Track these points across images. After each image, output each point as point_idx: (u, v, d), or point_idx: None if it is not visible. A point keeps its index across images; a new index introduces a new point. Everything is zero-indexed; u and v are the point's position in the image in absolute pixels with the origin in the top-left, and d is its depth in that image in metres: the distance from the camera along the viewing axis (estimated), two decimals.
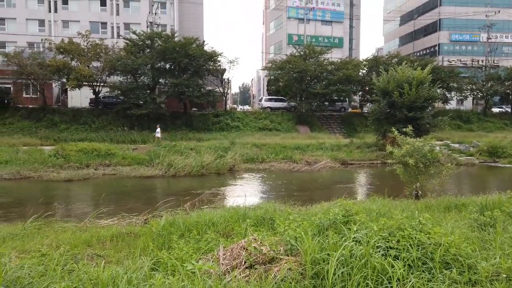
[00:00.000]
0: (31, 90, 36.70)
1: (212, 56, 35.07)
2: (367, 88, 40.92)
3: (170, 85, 33.40)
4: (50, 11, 48.53)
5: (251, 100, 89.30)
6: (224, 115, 36.91)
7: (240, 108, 56.99)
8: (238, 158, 23.71)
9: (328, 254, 4.04)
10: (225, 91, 39.92)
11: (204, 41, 37.69)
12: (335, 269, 3.77)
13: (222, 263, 4.71)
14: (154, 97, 33.32)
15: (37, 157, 21.83)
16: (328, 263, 3.87)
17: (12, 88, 35.87)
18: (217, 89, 38.37)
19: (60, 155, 22.37)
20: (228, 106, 43.40)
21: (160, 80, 34.57)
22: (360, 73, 40.27)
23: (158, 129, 29.03)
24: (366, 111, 41.43)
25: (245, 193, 15.60)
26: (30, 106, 34.51)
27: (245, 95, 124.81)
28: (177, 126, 33.66)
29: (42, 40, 37.58)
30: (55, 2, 48.74)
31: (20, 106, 34.10)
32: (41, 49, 36.89)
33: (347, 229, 4.67)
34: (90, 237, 7.30)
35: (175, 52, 32.61)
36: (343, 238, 4.34)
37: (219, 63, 36.83)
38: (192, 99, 33.93)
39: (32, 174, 19.91)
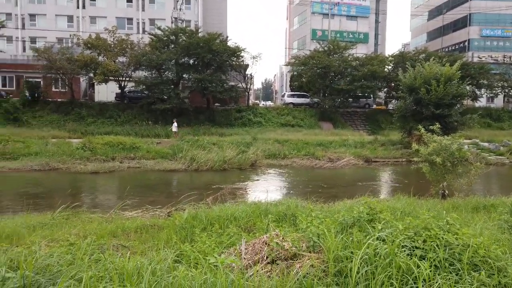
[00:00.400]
0: (60, 84, 37.84)
1: (235, 52, 35.15)
2: (393, 85, 40.11)
3: (193, 80, 33.72)
4: (78, 7, 49.74)
5: (274, 96, 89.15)
6: (247, 111, 36.97)
7: (263, 104, 56.91)
8: (260, 153, 23.72)
9: (352, 252, 3.99)
10: (248, 87, 39.97)
11: (227, 37, 37.77)
12: (358, 267, 3.71)
13: (244, 258, 4.73)
14: (178, 92, 33.70)
15: (65, 149, 22.49)
16: (351, 261, 3.83)
17: (42, 82, 37.03)
18: (240, 85, 38.46)
19: (87, 148, 22.98)
20: (250, 101, 43.46)
21: (184, 75, 34.93)
22: (385, 69, 39.48)
23: (175, 124, 29.42)
24: (391, 108, 40.63)
25: (266, 188, 15.61)
26: (59, 99, 35.55)
27: (267, 91, 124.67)
28: (200, 121, 33.98)
29: (70, 35, 38.63)
30: None
31: (50, 99, 35.12)
32: (70, 45, 37.90)
33: (371, 227, 4.60)
34: (116, 228, 7.47)
35: (199, 48, 32.85)
36: (367, 237, 4.27)
37: (242, 59, 36.92)
38: (215, 94, 34.13)
39: (61, 165, 20.53)
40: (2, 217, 9.40)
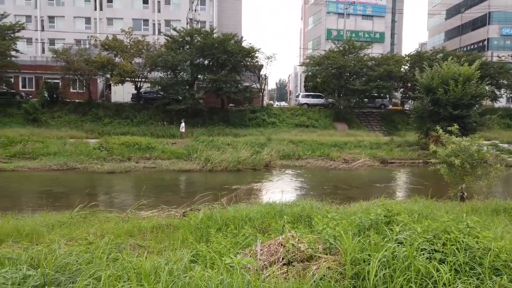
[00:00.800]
0: (77, 85, 38.47)
1: (250, 52, 35.18)
2: (409, 85, 39.58)
3: (208, 81, 33.86)
4: (95, 9, 50.56)
5: (288, 96, 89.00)
6: (261, 111, 36.95)
7: (277, 104, 56.83)
8: (274, 154, 23.69)
9: (369, 255, 3.94)
10: (262, 87, 39.97)
11: (242, 37, 37.82)
12: (376, 270, 3.67)
13: (259, 259, 4.73)
14: (193, 92, 33.92)
15: (82, 149, 22.89)
16: (369, 264, 3.79)
17: (60, 83, 37.73)
18: (254, 85, 38.49)
19: (104, 148, 23.33)
20: (264, 102, 43.45)
21: (199, 76, 35.11)
22: (402, 69, 38.96)
23: (183, 124, 29.62)
24: (407, 109, 40.05)
25: (280, 189, 15.59)
26: (76, 100, 36.14)
27: (282, 91, 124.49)
28: (214, 122, 34.12)
29: (88, 37, 39.27)
30: (100, 0, 50.71)
31: (68, 100, 35.73)
32: (87, 46, 38.52)
33: (389, 230, 4.54)
34: (132, 228, 7.54)
35: (213, 48, 33.00)
36: (385, 239, 4.22)
37: (256, 59, 36.93)
38: (230, 95, 34.24)
39: (78, 165, 20.89)
40: (22, 216, 9.61)
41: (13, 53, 34.27)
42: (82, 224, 8.22)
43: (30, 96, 36.67)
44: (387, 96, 41.13)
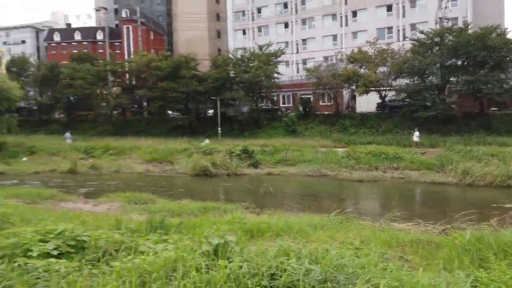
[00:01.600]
0: (325, 99, 41.85)
1: None
2: None
3: (463, 83, 30.51)
4: (341, 26, 53.88)
5: None
6: None
7: None
8: None
9: None
10: None
11: (506, 28, 32.01)
12: None
13: None
14: (444, 97, 31.41)
15: (332, 157, 24.53)
16: None
17: (311, 98, 42.09)
18: None
19: (352, 157, 24.26)
20: None
21: (451, 79, 32.06)
22: None
23: (417, 133, 27.61)
24: None
25: None
26: (325, 112, 39.39)
27: None
28: (471, 129, 29.93)
29: (335, 53, 42.23)
30: (346, 17, 53.72)
31: (318, 113, 39.43)
32: (334, 61, 41.41)
33: None
34: (390, 239, 7.36)
35: (469, 46, 29.58)
36: None
37: None
38: (492, 96, 29.53)
39: (329, 172, 22.47)
40: (289, 215, 11.08)
41: (275, 75, 40.55)
42: (340, 228, 8.66)
43: (288, 111, 42.47)
44: None
